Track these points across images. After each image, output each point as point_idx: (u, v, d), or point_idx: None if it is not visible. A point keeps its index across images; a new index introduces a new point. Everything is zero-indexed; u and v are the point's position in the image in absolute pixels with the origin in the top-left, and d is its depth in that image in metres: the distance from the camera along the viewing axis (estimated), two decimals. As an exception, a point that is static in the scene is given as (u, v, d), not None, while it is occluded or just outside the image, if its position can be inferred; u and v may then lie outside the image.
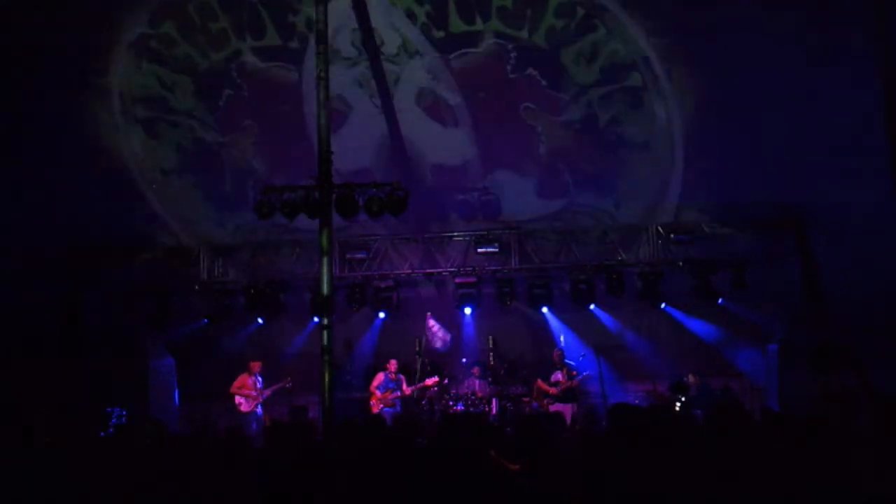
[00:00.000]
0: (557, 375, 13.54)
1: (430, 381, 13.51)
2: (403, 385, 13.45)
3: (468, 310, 14.53)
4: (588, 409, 13.53)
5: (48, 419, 10.88)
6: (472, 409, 13.33)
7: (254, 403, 13.15)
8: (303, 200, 9.79)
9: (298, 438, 6.27)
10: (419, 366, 14.42)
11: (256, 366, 13.38)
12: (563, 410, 12.38)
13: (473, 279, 14.26)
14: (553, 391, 13.42)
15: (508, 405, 13.84)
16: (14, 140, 13.07)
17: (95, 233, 14.02)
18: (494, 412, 13.62)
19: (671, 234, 13.68)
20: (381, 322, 15.14)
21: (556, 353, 13.88)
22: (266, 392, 13.26)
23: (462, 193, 14.17)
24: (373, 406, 13.31)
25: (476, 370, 14.12)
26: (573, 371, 13.50)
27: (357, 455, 5.63)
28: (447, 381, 13.83)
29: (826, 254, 13.02)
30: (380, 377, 13.52)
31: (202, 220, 14.58)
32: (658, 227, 13.81)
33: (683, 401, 12.87)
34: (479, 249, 14.02)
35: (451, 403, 13.57)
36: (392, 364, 13.52)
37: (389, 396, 13.28)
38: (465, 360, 14.64)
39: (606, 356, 14.72)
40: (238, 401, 13.13)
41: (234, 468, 5.72)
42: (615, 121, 12.97)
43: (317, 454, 5.84)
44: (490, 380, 14.09)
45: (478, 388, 13.84)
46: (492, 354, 14.77)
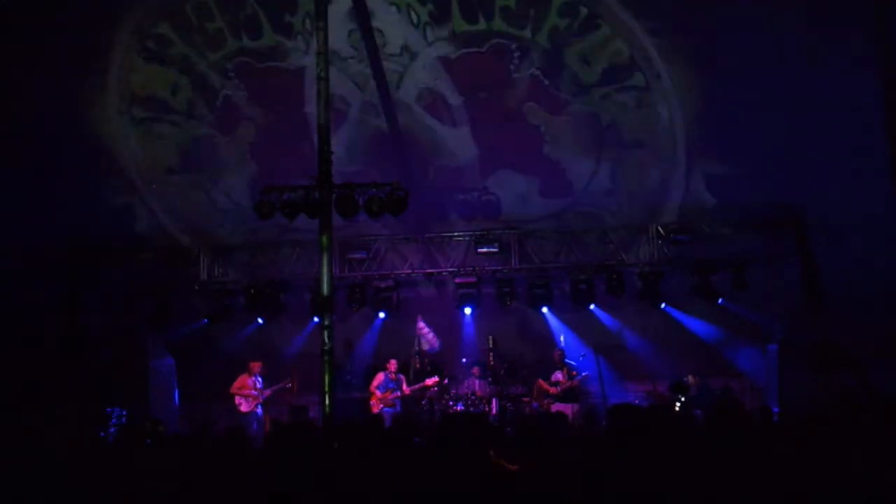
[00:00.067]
0: (558, 375, 13.55)
1: (430, 381, 13.51)
2: (403, 385, 13.45)
3: (468, 310, 14.52)
4: (588, 409, 13.52)
5: (48, 419, 10.87)
6: (472, 409, 13.33)
7: (254, 404, 13.15)
8: (303, 200, 9.79)
9: (299, 438, 6.27)
10: (417, 366, 14.47)
11: (256, 366, 13.38)
12: (564, 410, 12.37)
13: (473, 279, 14.25)
14: (553, 391, 13.43)
15: (508, 405, 13.84)
16: (14, 140, 13.07)
17: (95, 233, 14.04)
18: (494, 412, 13.62)
19: (671, 234, 13.68)
20: (381, 322, 15.13)
21: (557, 353, 13.91)
22: (266, 392, 13.26)
23: (462, 193, 14.18)
24: (373, 406, 13.31)
25: (476, 370, 14.12)
26: (573, 371, 13.52)
27: (357, 455, 5.63)
28: (447, 381, 13.84)
29: (826, 254, 13.02)
30: (380, 377, 13.52)
31: (202, 220, 14.59)
32: (658, 227, 13.80)
33: (683, 401, 12.85)
34: (479, 249, 14.01)
35: (451, 403, 13.56)
36: (392, 364, 13.53)
37: (389, 396, 13.28)
38: (465, 360, 14.63)
39: (606, 356, 14.73)
40: (238, 401, 13.13)
41: (234, 468, 5.72)
42: (617, 120, 12.98)
43: (317, 454, 5.84)
44: (490, 380, 14.09)
45: (478, 388, 13.84)
46: (492, 354, 14.76)
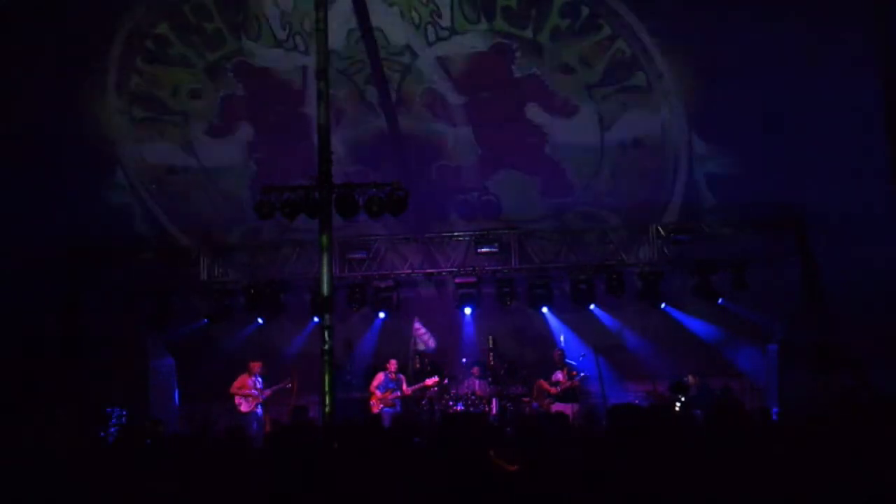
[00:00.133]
0: (558, 375, 13.56)
1: (430, 381, 13.52)
2: (403, 385, 13.46)
3: (468, 310, 14.51)
4: (588, 409, 13.52)
5: (48, 419, 10.87)
6: (472, 409, 13.34)
7: (254, 404, 13.14)
8: (303, 200, 9.79)
9: (299, 438, 6.27)
10: (417, 366, 14.48)
11: (256, 366, 13.37)
12: (564, 410, 12.37)
13: (473, 279, 14.24)
14: (554, 391, 13.43)
15: (508, 405, 13.85)
16: (14, 140, 13.07)
17: (95, 233, 14.03)
18: (494, 412, 13.63)
19: (671, 234, 13.68)
20: (381, 322, 15.14)
21: (557, 353, 13.92)
22: (266, 392, 13.25)
23: (462, 193, 14.16)
24: (373, 406, 13.32)
25: (476, 370, 14.12)
26: (574, 371, 13.52)
27: (357, 455, 5.63)
28: (447, 381, 13.84)
29: (826, 254, 13.01)
30: (380, 377, 13.52)
31: (202, 220, 14.57)
32: (658, 227, 13.79)
33: (683, 401, 12.86)
34: (479, 249, 14.01)
35: (451, 403, 13.57)
36: (392, 364, 13.53)
37: (389, 396, 13.28)
38: (465, 360, 14.64)
39: (606, 356, 14.73)
40: (238, 401, 13.12)
41: (234, 468, 5.72)
42: (619, 120, 12.96)
43: (317, 454, 5.83)
44: (490, 380, 14.09)
45: (478, 388, 13.84)
46: (492, 354, 14.77)
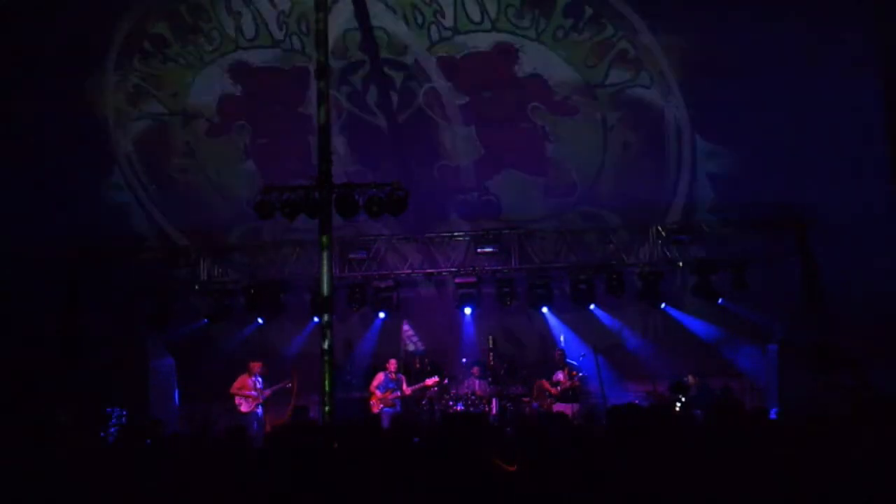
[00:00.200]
0: (559, 375, 13.56)
1: (430, 381, 13.52)
2: (403, 385, 13.46)
3: (468, 310, 14.51)
4: (588, 409, 13.53)
5: (48, 419, 10.87)
6: (472, 409, 13.34)
7: (254, 404, 13.13)
8: (303, 200, 9.80)
9: (299, 438, 6.27)
10: (417, 366, 14.49)
11: (257, 366, 13.36)
12: (565, 411, 12.38)
13: (473, 279, 14.24)
14: (554, 391, 13.43)
15: (508, 405, 13.85)
16: (14, 140, 13.07)
17: (95, 233, 14.03)
18: (494, 412, 13.63)
19: (671, 235, 13.68)
20: (381, 322, 15.14)
21: (558, 353, 13.93)
22: (266, 392, 13.25)
23: (462, 193, 14.14)
24: (373, 406, 13.32)
25: (476, 370, 14.12)
26: (574, 371, 13.52)
27: (357, 455, 5.63)
28: (447, 381, 13.84)
29: (826, 254, 13.01)
30: (380, 377, 13.52)
31: (202, 220, 14.56)
32: (658, 227, 13.80)
33: (683, 401, 12.86)
34: (479, 249, 14.02)
35: (451, 403, 13.57)
36: (392, 364, 13.53)
37: (389, 396, 13.28)
38: (465, 360, 14.64)
39: (606, 356, 14.71)
40: (238, 401, 13.12)
41: (234, 468, 5.72)
42: (623, 120, 12.96)
43: (317, 454, 5.83)
44: (490, 380, 14.09)
45: (478, 388, 13.84)
46: (492, 354, 14.77)
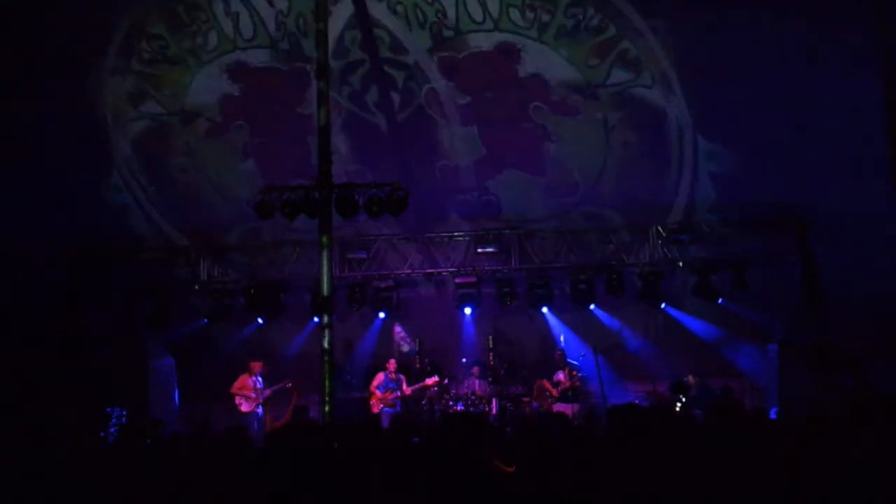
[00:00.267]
0: (560, 375, 13.56)
1: (430, 381, 13.52)
2: (403, 385, 13.46)
3: (468, 310, 14.51)
4: (588, 410, 13.53)
5: (48, 419, 10.87)
6: (472, 409, 13.34)
7: (254, 404, 13.13)
8: (303, 200, 9.79)
9: (298, 438, 6.27)
10: (417, 366, 14.49)
11: (257, 366, 13.36)
12: (565, 411, 12.38)
13: (473, 279, 14.24)
14: (555, 392, 13.43)
15: (508, 405, 13.85)
16: (14, 140, 13.06)
17: (95, 233, 14.03)
18: (494, 412, 13.63)
19: (671, 235, 13.68)
20: (381, 322, 15.14)
21: (558, 353, 13.93)
22: (266, 392, 13.25)
23: (462, 193, 14.14)
24: (373, 406, 13.33)
25: (476, 370, 14.12)
26: (575, 370, 13.52)
27: (357, 455, 5.63)
28: (447, 381, 13.84)
29: (826, 254, 13.00)
30: (380, 377, 13.53)
31: (202, 220, 14.57)
32: (658, 227, 13.79)
33: (683, 401, 12.85)
34: (479, 249, 14.02)
35: (451, 403, 13.58)
36: (392, 364, 13.55)
37: (389, 396, 13.29)
38: (465, 360, 14.64)
39: (606, 356, 14.70)
40: (238, 401, 13.11)
41: (234, 468, 5.72)
42: (624, 120, 12.95)
43: (317, 454, 5.83)
44: (490, 380, 14.10)
45: (478, 388, 13.84)
46: (492, 354, 14.77)
